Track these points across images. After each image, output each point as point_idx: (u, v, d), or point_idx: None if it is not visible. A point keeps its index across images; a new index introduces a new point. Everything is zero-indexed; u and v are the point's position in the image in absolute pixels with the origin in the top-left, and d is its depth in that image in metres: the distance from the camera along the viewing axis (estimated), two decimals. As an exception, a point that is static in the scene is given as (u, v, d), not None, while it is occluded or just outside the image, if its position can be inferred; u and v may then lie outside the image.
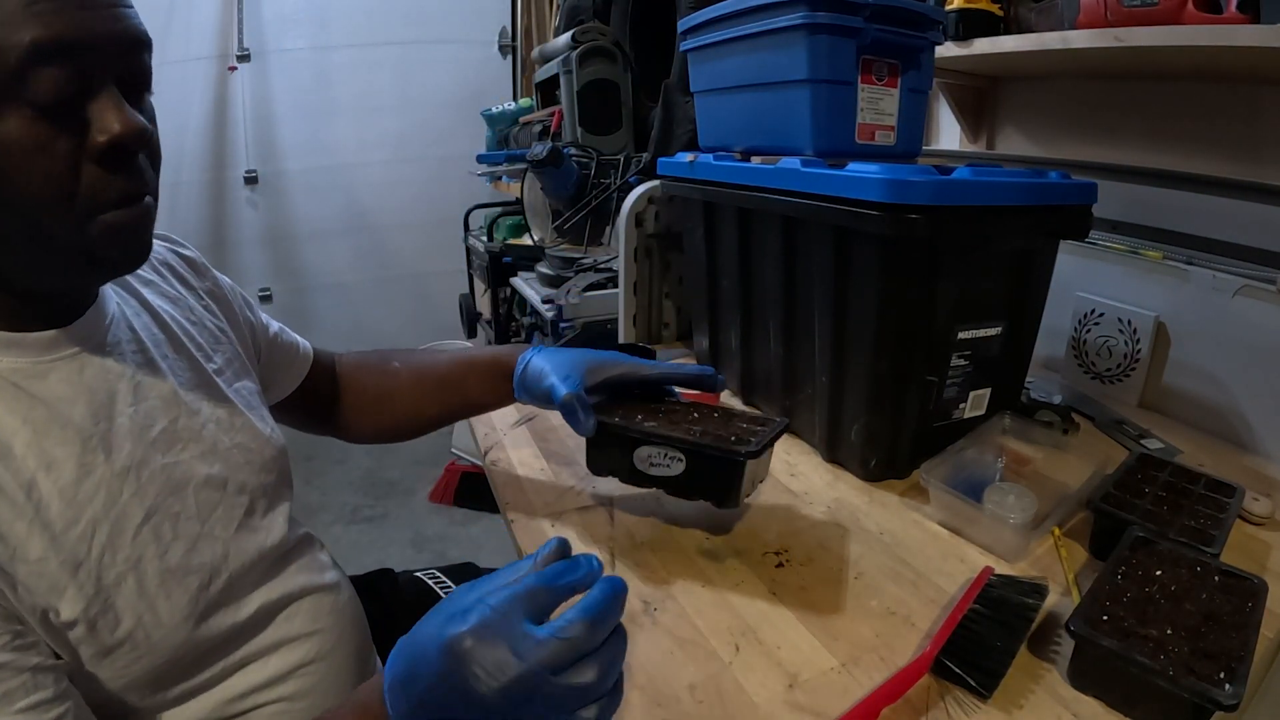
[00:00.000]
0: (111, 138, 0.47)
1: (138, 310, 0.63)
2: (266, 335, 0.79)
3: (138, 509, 0.54)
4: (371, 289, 3.35)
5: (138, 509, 0.54)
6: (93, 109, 0.48)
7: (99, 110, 0.48)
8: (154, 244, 0.71)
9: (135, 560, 0.53)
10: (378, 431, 0.89)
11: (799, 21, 0.86)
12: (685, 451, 0.67)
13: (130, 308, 0.62)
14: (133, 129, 0.48)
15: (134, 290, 0.64)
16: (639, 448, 0.69)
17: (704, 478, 0.68)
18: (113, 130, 0.47)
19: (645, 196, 1.25)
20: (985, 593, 0.61)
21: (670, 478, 0.68)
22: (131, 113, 0.49)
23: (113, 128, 0.47)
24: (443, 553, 2.21)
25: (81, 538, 0.51)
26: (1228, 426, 0.96)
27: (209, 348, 0.68)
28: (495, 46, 3.34)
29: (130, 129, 0.48)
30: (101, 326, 0.58)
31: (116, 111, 0.48)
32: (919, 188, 0.70)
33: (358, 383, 0.88)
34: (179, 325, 0.66)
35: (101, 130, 0.47)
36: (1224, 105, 0.97)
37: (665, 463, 0.68)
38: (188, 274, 0.72)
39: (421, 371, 0.87)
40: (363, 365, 0.90)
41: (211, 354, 0.68)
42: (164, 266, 0.70)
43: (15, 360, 0.52)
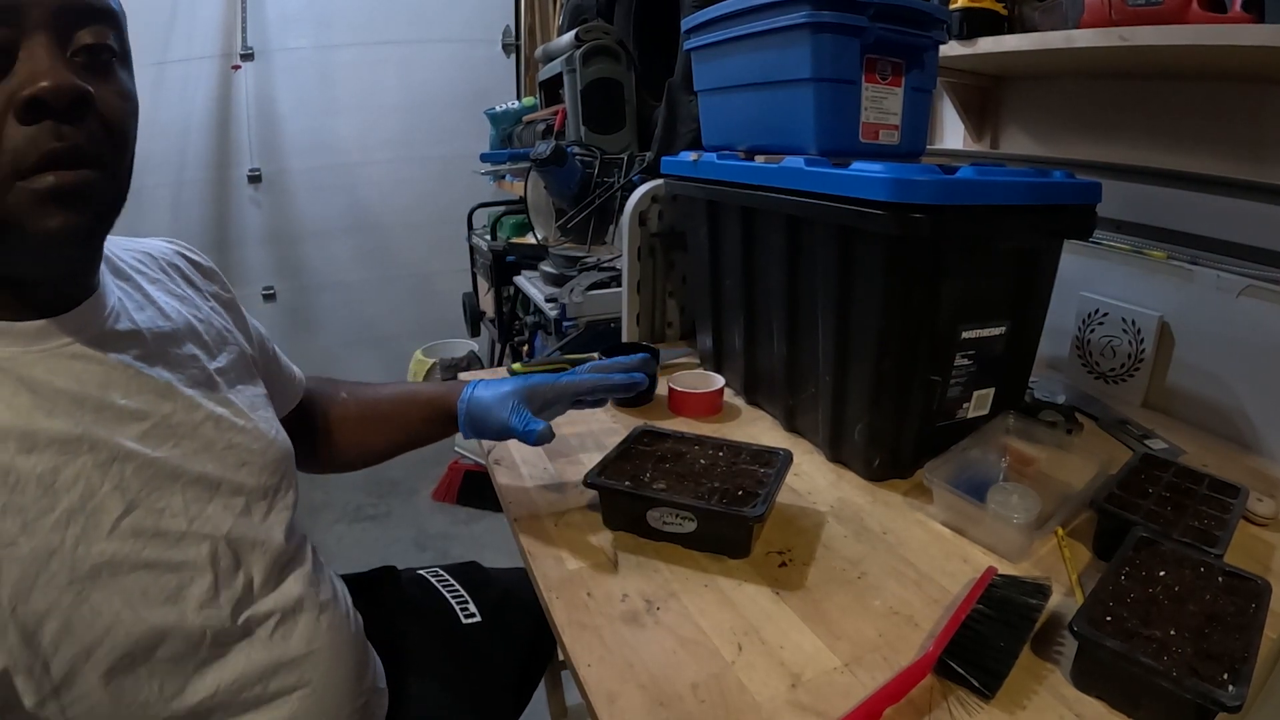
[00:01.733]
0: (32, 91, 0.45)
1: (142, 304, 0.62)
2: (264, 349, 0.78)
3: (117, 502, 0.53)
4: (375, 288, 3.35)
5: (117, 502, 0.53)
6: (19, 68, 0.46)
7: (24, 69, 0.46)
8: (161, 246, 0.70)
9: (110, 554, 0.52)
10: (328, 461, 0.87)
11: (803, 20, 0.86)
12: (695, 513, 0.69)
13: (134, 301, 0.62)
14: (56, 83, 0.46)
15: (138, 285, 0.64)
16: (652, 508, 0.71)
17: (715, 535, 0.70)
18: (36, 85, 0.45)
19: (649, 195, 1.25)
20: (988, 593, 0.61)
21: (682, 534, 0.71)
22: (62, 70, 0.47)
23: (37, 81, 0.45)
24: (445, 551, 2.21)
25: (56, 526, 0.50)
26: (1232, 427, 0.96)
27: (214, 347, 0.67)
28: (499, 45, 3.34)
29: (54, 83, 0.46)
30: (99, 318, 0.57)
31: (43, 68, 0.46)
32: (923, 187, 0.70)
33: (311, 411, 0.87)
34: (185, 322, 0.65)
35: (22, 86, 0.45)
36: (1228, 105, 0.97)
37: (677, 522, 0.70)
38: (195, 276, 0.72)
39: (367, 405, 0.87)
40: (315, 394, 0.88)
41: (216, 354, 0.67)
42: (171, 268, 0.69)
43: (12, 349, 0.51)
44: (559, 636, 0.61)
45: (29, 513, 0.49)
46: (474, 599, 0.93)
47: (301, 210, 3.20)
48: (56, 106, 0.46)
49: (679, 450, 0.80)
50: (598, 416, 1.02)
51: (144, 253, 0.68)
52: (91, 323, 0.56)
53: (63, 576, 0.49)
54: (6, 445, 0.49)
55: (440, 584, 0.95)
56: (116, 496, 0.53)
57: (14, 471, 0.49)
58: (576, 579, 0.67)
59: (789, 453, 0.79)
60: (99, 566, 0.51)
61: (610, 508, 0.75)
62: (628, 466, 0.77)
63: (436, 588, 0.94)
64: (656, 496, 0.70)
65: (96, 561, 0.51)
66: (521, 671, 0.91)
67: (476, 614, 0.91)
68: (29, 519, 0.49)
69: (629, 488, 0.72)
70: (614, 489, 0.72)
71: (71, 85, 0.47)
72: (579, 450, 0.92)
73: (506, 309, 2.25)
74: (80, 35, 0.49)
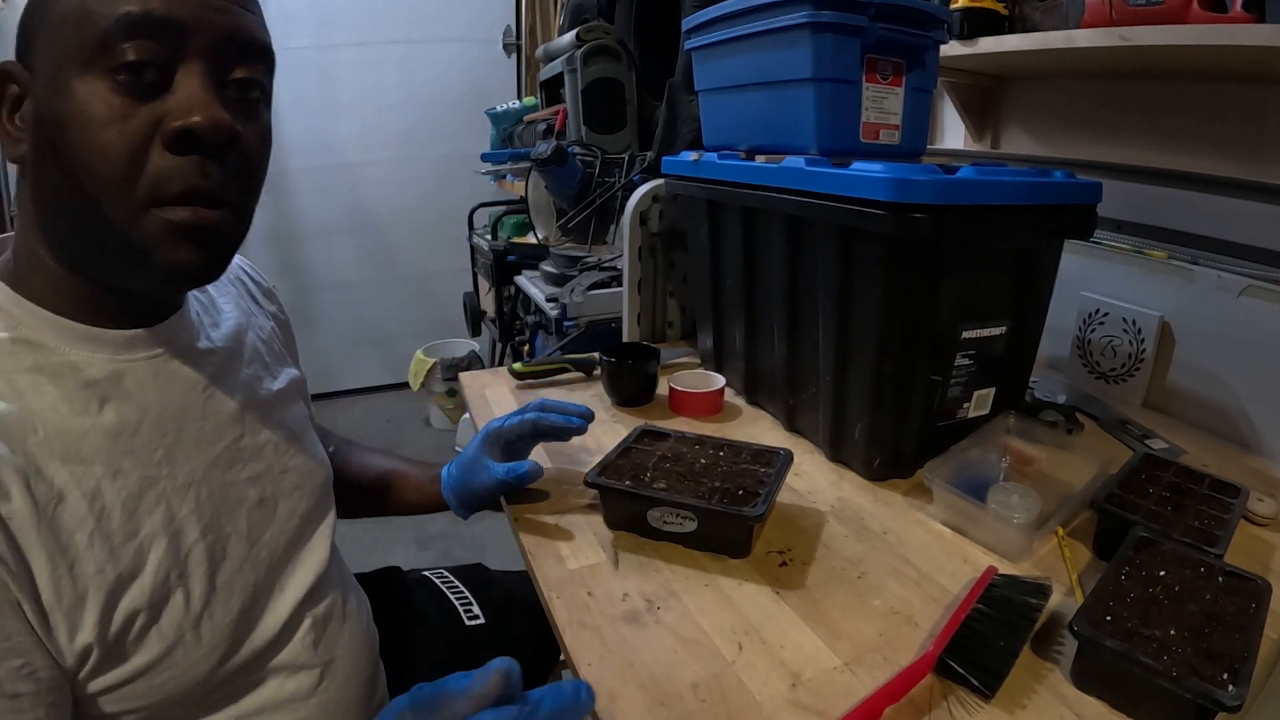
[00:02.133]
0: (185, 124, 0.45)
1: (216, 320, 0.63)
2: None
3: (194, 526, 0.53)
4: (375, 287, 3.36)
5: (194, 526, 0.53)
6: (175, 95, 0.46)
7: (181, 96, 0.46)
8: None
9: (183, 577, 0.52)
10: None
11: (803, 20, 0.86)
12: (696, 512, 0.69)
13: (209, 317, 0.62)
14: (211, 119, 0.46)
15: (212, 299, 0.64)
16: (652, 508, 0.71)
17: (716, 535, 0.70)
18: (188, 117, 0.45)
19: (649, 195, 1.25)
20: (988, 592, 0.61)
21: (683, 534, 0.71)
22: (215, 106, 0.46)
23: (189, 115, 0.45)
24: (446, 551, 2.22)
25: (139, 551, 0.49)
26: (1232, 427, 0.96)
27: (274, 368, 0.68)
28: (499, 45, 3.34)
29: (209, 119, 0.45)
30: (185, 334, 0.57)
31: (198, 100, 0.46)
32: (923, 187, 0.70)
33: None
34: (250, 342, 0.65)
35: (176, 115, 0.45)
36: (1229, 104, 0.97)
37: (678, 521, 0.70)
38: (258, 294, 0.72)
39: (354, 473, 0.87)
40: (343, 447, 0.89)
41: (276, 375, 0.67)
42: (238, 282, 0.70)
43: (92, 354, 0.51)
44: (559, 636, 0.61)
45: (115, 539, 0.48)
46: (478, 601, 0.93)
47: (302, 210, 3.21)
48: (208, 143, 0.46)
49: (679, 450, 0.81)
50: (598, 416, 1.02)
51: None
52: (178, 337, 0.57)
53: (142, 600, 0.49)
54: (93, 469, 0.48)
55: (445, 585, 0.95)
56: (193, 521, 0.54)
57: (100, 497, 0.48)
58: (577, 578, 0.67)
59: (789, 452, 0.79)
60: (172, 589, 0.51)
61: (611, 507, 0.75)
62: (628, 466, 0.77)
63: (441, 589, 0.94)
64: (657, 496, 0.71)
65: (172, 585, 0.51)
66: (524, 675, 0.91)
67: (480, 616, 0.91)
68: (115, 545, 0.48)
69: (629, 487, 0.72)
70: (614, 489, 0.72)
71: (227, 125, 0.47)
72: (579, 450, 0.92)
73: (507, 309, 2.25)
74: (236, 70, 0.49)
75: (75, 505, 0.47)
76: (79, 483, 0.47)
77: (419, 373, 2.92)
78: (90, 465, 0.48)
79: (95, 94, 0.44)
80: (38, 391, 0.48)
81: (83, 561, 0.46)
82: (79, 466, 0.48)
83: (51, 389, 0.48)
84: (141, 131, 0.45)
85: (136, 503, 0.50)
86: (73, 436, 0.48)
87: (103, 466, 0.49)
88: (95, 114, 0.44)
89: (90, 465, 0.48)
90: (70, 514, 0.47)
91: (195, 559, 0.53)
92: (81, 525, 0.47)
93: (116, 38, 0.43)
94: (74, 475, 0.47)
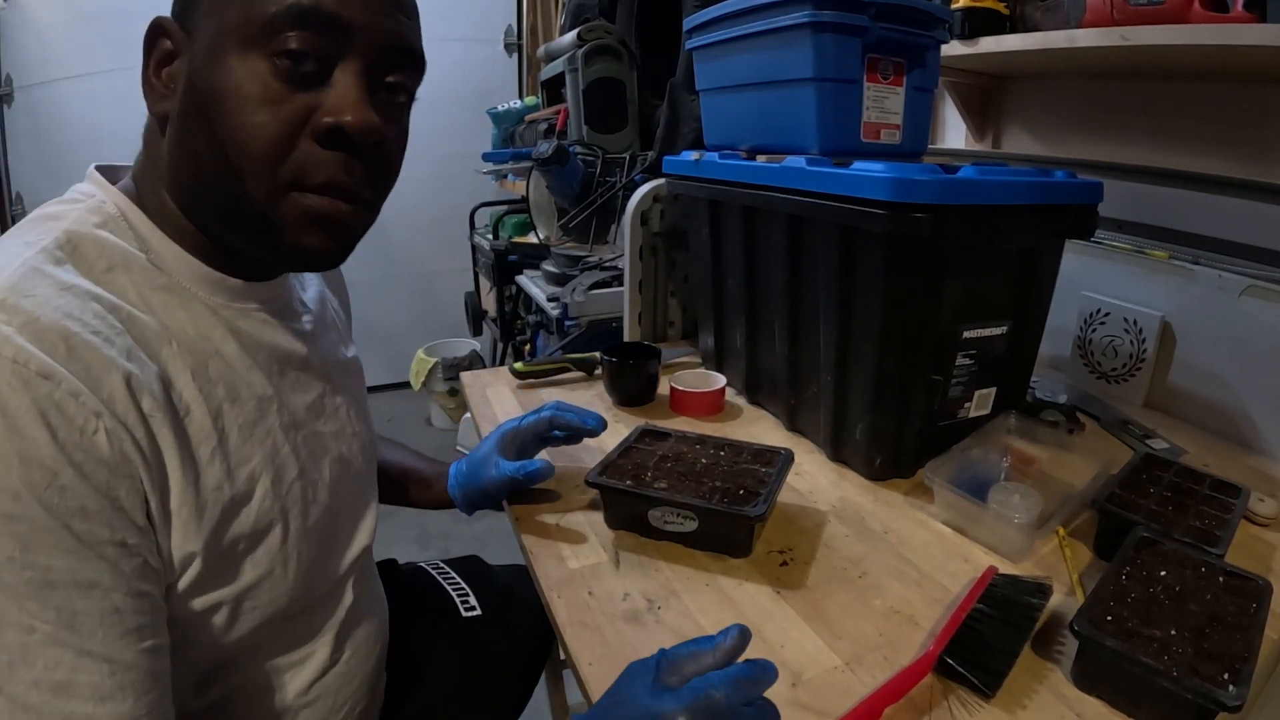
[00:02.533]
0: (338, 121, 0.47)
1: (305, 285, 0.66)
2: None
3: (293, 465, 0.56)
4: (376, 287, 3.35)
5: (293, 465, 0.56)
6: (332, 91, 0.47)
7: (337, 93, 0.47)
8: None
9: (283, 512, 0.54)
10: None
11: (804, 20, 0.86)
12: (697, 512, 0.69)
13: (300, 282, 0.65)
14: (363, 121, 0.47)
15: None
16: (653, 508, 0.71)
17: (716, 535, 0.70)
18: (341, 115, 0.47)
19: (650, 195, 1.25)
20: (989, 592, 0.61)
21: (684, 534, 0.71)
22: (368, 108, 0.48)
23: (342, 113, 0.47)
24: (447, 550, 2.22)
25: (250, 477, 0.52)
26: (1233, 427, 0.96)
27: (345, 336, 0.72)
28: (500, 45, 3.34)
29: (361, 121, 0.47)
30: (286, 293, 0.60)
31: (353, 100, 0.47)
32: (924, 187, 0.70)
33: None
34: (331, 311, 0.69)
35: (330, 111, 0.47)
36: (1230, 104, 0.97)
37: (679, 521, 0.70)
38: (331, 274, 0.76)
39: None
40: None
41: (347, 343, 0.71)
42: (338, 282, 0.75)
43: (215, 298, 0.53)
44: (560, 635, 0.61)
45: (231, 460, 0.51)
46: (475, 592, 0.93)
47: (304, 209, 3.20)
48: (356, 142, 0.48)
49: (680, 450, 0.81)
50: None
51: None
52: (280, 295, 0.59)
53: (248, 525, 0.51)
54: (217, 390, 0.51)
55: (441, 576, 0.95)
56: (293, 459, 0.56)
57: (223, 418, 0.51)
58: (578, 578, 0.67)
59: (790, 452, 0.79)
60: (275, 521, 0.54)
61: (611, 507, 0.75)
62: (629, 466, 0.77)
63: (437, 579, 0.95)
64: (658, 496, 0.71)
65: (273, 516, 0.53)
66: (522, 666, 0.92)
67: (477, 607, 0.91)
68: (231, 466, 0.50)
69: (630, 487, 0.72)
70: (615, 488, 0.72)
71: (376, 128, 0.48)
72: (580, 450, 0.92)
73: (508, 308, 2.26)
74: (390, 74, 0.51)
75: (201, 420, 0.49)
76: (206, 399, 0.49)
77: (420, 372, 2.92)
78: (215, 386, 0.50)
79: (254, 73, 0.45)
80: (169, 311, 0.50)
81: (205, 475, 0.48)
82: (206, 385, 0.50)
83: (181, 311, 0.51)
84: (294, 118, 0.46)
85: (251, 430, 0.53)
86: (201, 356, 0.50)
87: (225, 390, 0.51)
88: (251, 92, 0.45)
89: (215, 386, 0.50)
90: (196, 427, 0.48)
91: (293, 496, 0.55)
92: (206, 440, 0.49)
93: (284, 24, 0.45)
94: (201, 391, 0.49)
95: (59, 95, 2.66)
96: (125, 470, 0.42)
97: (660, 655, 0.47)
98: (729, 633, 0.48)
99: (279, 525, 0.54)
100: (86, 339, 0.42)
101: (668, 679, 0.46)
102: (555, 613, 0.63)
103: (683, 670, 0.46)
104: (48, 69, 2.65)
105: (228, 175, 0.47)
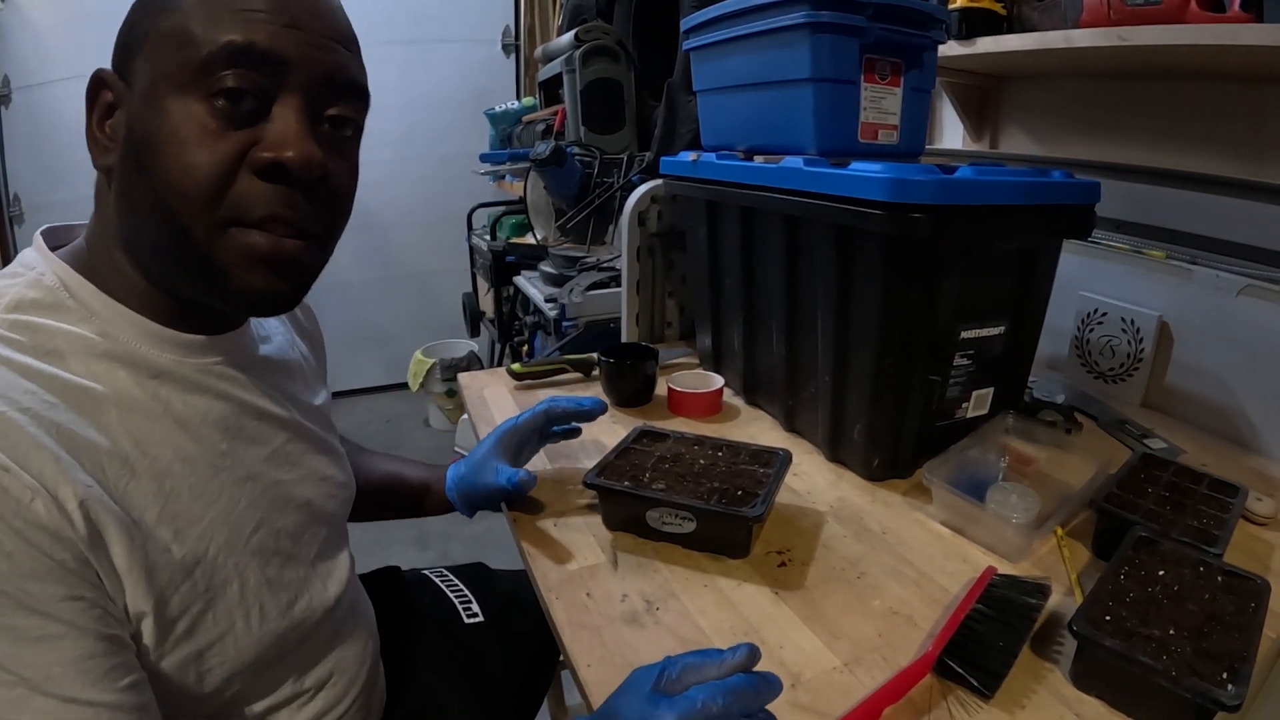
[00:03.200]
0: (278, 156, 0.46)
1: (267, 335, 0.64)
2: None
3: (251, 517, 0.55)
4: (374, 288, 3.35)
5: (251, 517, 0.55)
6: (271, 126, 0.47)
7: (276, 128, 0.47)
8: None
9: (239, 568, 0.53)
10: None
11: (802, 20, 0.86)
12: (695, 513, 0.69)
13: (260, 330, 0.64)
14: (305, 156, 0.47)
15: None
16: (651, 509, 0.71)
17: (715, 535, 0.70)
18: (282, 150, 0.46)
19: (648, 195, 1.25)
20: (988, 592, 0.61)
21: (682, 534, 0.71)
22: (309, 142, 0.47)
23: (283, 148, 0.46)
24: (445, 551, 2.22)
25: (202, 537, 0.51)
26: (1231, 426, 0.96)
27: (312, 382, 0.70)
28: (498, 45, 3.34)
29: (302, 155, 0.47)
30: (247, 344, 0.59)
31: (293, 134, 0.47)
32: (922, 187, 0.70)
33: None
34: (296, 356, 0.68)
35: (270, 146, 0.46)
36: (1227, 104, 0.97)
37: (677, 522, 0.70)
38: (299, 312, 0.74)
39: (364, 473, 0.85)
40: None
41: (314, 390, 0.70)
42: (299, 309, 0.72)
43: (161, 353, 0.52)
44: (559, 636, 0.61)
45: (180, 521, 0.50)
46: (478, 599, 0.93)
47: (301, 211, 3.20)
48: (298, 177, 0.47)
49: (678, 450, 0.80)
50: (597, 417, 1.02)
51: None
52: (243, 345, 0.58)
53: (202, 584, 0.50)
54: (164, 452, 0.50)
55: (444, 584, 0.95)
56: (250, 513, 0.55)
57: (170, 479, 0.50)
58: (576, 579, 0.67)
59: (788, 452, 0.79)
60: (230, 578, 0.53)
61: (610, 508, 0.75)
62: (627, 467, 0.77)
63: (440, 587, 0.94)
64: (656, 497, 0.70)
65: (229, 573, 0.52)
66: (525, 675, 0.91)
67: (480, 614, 0.91)
68: (180, 528, 0.49)
69: (628, 488, 0.72)
70: (613, 489, 0.72)
71: (318, 162, 0.48)
72: (579, 451, 0.92)
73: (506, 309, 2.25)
74: (332, 107, 0.50)
75: (145, 485, 0.48)
76: (151, 463, 0.48)
77: (418, 373, 2.92)
78: (162, 449, 0.49)
79: (190, 115, 0.45)
80: (111, 377, 0.49)
81: (153, 539, 0.48)
82: (152, 448, 0.49)
83: (125, 375, 0.50)
84: (232, 154, 0.46)
85: (203, 489, 0.51)
86: (146, 420, 0.49)
87: (172, 451, 0.50)
88: (189, 135, 0.45)
89: (162, 449, 0.49)
90: (141, 493, 0.47)
91: (250, 550, 0.54)
92: (151, 504, 0.48)
93: (219, 64, 0.44)
94: (146, 455, 0.48)
95: (57, 96, 2.66)
96: (66, 535, 0.42)
97: (665, 663, 0.47)
98: (739, 649, 0.48)
99: (235, 582, 0.53)
100: (12, 417, 0.42)
101: (669, 687, 0.46)
102: (554, 614, 0.63)
103: (685, 679, 0.46)
104: (45, 70, 2.65)
105: (167, 217, 0.46)
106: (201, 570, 0.50)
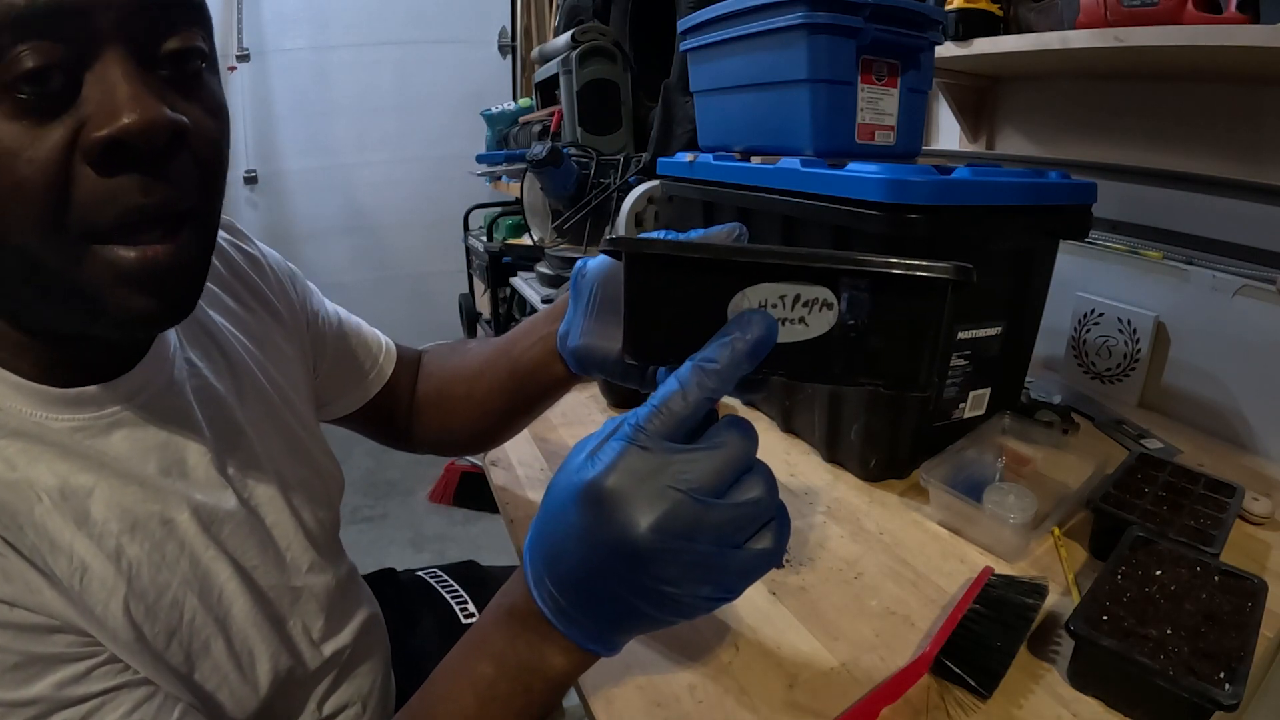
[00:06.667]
0: (112, 131, 0.34)
1: (196, 335, 0.55)
2: (334, 329, 0.73)
3: (222, 567, 0.49)
4: (371, 289, 3.35)
5: (222, 567, 0.49)
6: (90, 94, 0.35)
7: (94, 91, 0.35)
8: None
9: (221, 620, 0.48)
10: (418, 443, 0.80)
11: (798, 21, 0.86)
12: (839, 288, 0.37)
13: (188, 333, 0.54)
14: (146, 118, 0.35)
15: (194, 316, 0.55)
16: (742, 290, 0.39)
17: (874, 332, 0.38)
18: (114, 120, 0.34)
19: (645, 196, 1.25)
20: (985, 593, 0.61)
21: (804, 344, 0.38)
22: (147, 97, 0.36)
23: (113, 119, 0.35)
24: (442, 552, 2.21)
25: (174, 603, 0.46)
26: (1227, 426, 0.96)
27: (272, 369, 0.61)
28: (495, 46, 3.34)
29: (143, 118, 0.35)
30: (163, 369, 0.50)
31: (123, 95, 0.35)
32: (918, 188, 0.70)
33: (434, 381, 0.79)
34: (241, 346, 0.58)
35: (98, 123, 0.35)
36: (1224, 105, 0.97)
37: (793, 314, 0.38)
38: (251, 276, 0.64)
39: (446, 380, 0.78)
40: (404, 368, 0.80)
41: (275, 376, 0.61)
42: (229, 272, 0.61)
43: (71, 418, 0.44)
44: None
45: (148, 598, 0.44)
46: (473, 598, 0.92)
47: (297, 211, 3.20)
48: (145, 149, 0.36)
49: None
50: (594, 417, 1.02)
51: None
52: (158, 374, 0.49)
53: (179, 655, 0.46)
54: (110, 528, 0.43)
55: (439, 584, 0.95)
56: (220, 562, 0.49)
57: (124, 556, 0.44)
58: (573, 580, 0.67)
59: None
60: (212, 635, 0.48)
61: (648, 303, 0.70)
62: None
63: (435, 588, 0.94)
64: (756, 259, 0.64)
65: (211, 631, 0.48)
66: None
67: (476, 613, 0.90)
68: (149, 604, 0.44)
69: (693, 254, 0.66)
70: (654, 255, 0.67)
71: (165, 122, 0.36)
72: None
73: (503, 310, 2.25)
74: (166, 42, 0.38)
75: (101, 572, 0.42)
76: (99, 545, 0.42)
77: (415, 374, 2.91)
78: (106, 524, 0.43)
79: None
80: (28, 457, 0.41)
81: (124, 627, 0.43)
82: (94, 529, 0.42)
83: (40, 451, 0.42)
84: (57, 150, 0.35)
85: (161, 554, 0.46)
86: (78, 500, 0.42)
87: (119, 523, 0.44)
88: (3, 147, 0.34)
89: (106, 524, 0.43)
90: (99, 584, 0.42)
91: (228, 599, 0.49)
92: (114, 592, 0.42)
93: (6, 44, 0.33)
94: (92, 538, 0.42)
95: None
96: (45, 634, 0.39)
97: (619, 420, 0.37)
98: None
99: (219, 635, 0.48)
100: None
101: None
102: (550, 615, 0.62)
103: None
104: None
105: (13, 251, 0.36)
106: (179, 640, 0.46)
